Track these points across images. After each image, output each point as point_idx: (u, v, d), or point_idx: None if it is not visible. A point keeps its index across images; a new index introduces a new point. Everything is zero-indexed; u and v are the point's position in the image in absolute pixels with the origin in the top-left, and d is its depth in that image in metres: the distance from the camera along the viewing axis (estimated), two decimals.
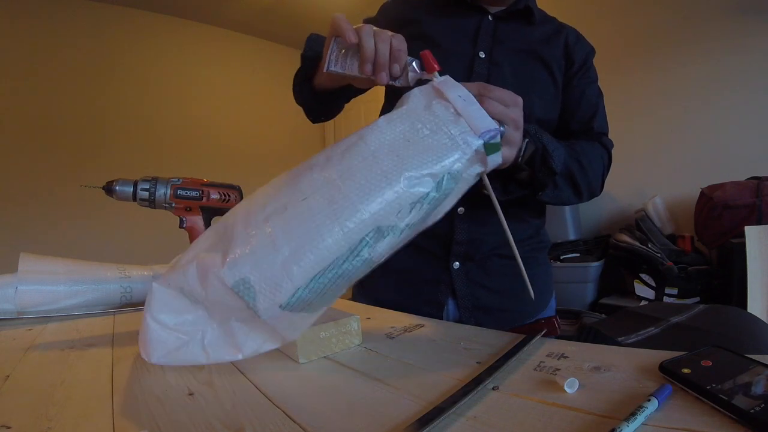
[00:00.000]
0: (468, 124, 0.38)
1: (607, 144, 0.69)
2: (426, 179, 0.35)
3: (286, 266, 0.32)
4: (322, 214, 0.33)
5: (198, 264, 0.35)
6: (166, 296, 0.37)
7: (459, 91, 0.40)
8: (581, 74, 0.70)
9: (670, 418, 0.25)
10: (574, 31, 0.73)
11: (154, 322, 0.38)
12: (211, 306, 0.37)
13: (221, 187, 0.73)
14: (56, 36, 2.74)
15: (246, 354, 0.37)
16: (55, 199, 2.67)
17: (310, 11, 3.28)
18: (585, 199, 0.66)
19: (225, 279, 0.33)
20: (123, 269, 0.72)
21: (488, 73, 0.66)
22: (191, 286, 0.36)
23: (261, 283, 0.32)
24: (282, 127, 3.79)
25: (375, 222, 0.33)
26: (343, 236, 0.32)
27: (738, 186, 1.62)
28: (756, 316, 0.91)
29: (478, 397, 0.31)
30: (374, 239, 0.34)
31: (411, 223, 0.35)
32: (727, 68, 1.90)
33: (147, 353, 0.38)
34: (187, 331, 0.38)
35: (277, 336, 0.37)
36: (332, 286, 0.34)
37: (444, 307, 0.68)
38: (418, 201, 0.35)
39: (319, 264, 0.32)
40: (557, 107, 0.70)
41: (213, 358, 0.37)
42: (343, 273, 0.33)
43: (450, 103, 0.38)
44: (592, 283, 1.96)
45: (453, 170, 0.36)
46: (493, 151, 0.38)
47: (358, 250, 0.33)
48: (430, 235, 0.68)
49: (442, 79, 0.42)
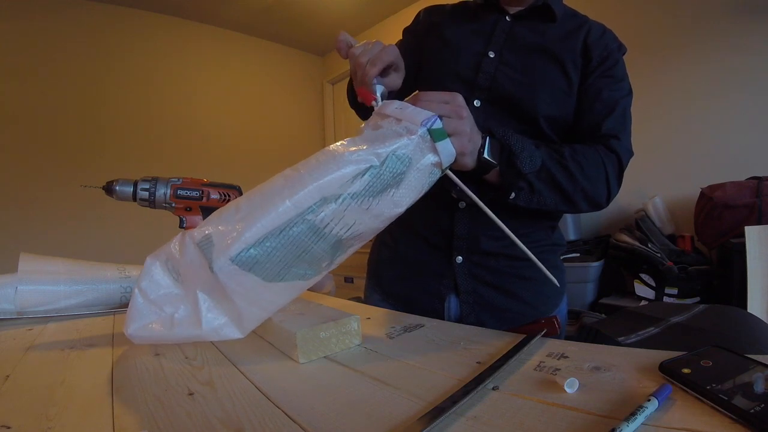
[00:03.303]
0: (408, 121, 0.43)
1: (615, 148, 0.62)
2: (370, 157, 0.40)
3: (240, 224, 0.38)
4: (278, 187, 0.39)
5: (182, 234, 0.42)
6: (156, 270, 0.42)
7: (395, 105, 0.46)
8: (600, 72, 0.66)
9: (670, 418, 0.25)
10: (600, 27, 0.69)
11: (140, 293, 0.42)
12: (185, 273, 0.41)
13: (221, 187, 0.73)
14: (56, 36, 2.74)
15: (205, 330, 0.40)
16: (55, 199, 2.67)
17: (310, 11, 3.28)
18: (583, 208, 0.62)
19: (195, 237, 0.40)
20: (123, 269, 0.72)
21: (495, 71, 0.66)
22: (172, 253, 0.42)
23: (219, 238, 0.38)
24: (282, 127, 3.79)
25: (320, 192, 0.38)
26: (292, 203, 0.38)
27: (738, 186, 1.62)
28: (756, 316, 0.91)
29: (478, 397, 0.31)
30: (319, 206, 0.38)
31: (353, 193, 0.39)
32: (727, 68, 1.89)
33: (126, 324, 0.42)
34: (164, 306, 0.42)
35: (236, 313, 0.40)
36: (280, 248, 0.38)
37: (446, 301, 0.68)
38: (359, 174, 0.39)
39: (269, 224, 0.38)
40: (570, 105, 0.66)
41: (177, 332, 0.41)
42: (289, 236, 0.38)
43: (390, 116, 0.44)
44: (592, 283, 1.96)
45: (399, 153, 0.41)
46: (439, 137, 0.43)
47: (303, 215, 0.38)
48: (435, 229, 0.70)
49: (380, 104, 0.49)
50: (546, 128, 0.65)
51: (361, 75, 0.53)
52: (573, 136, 0.67)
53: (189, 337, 0.41)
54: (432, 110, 0.45)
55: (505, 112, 0.66)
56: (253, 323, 0.41)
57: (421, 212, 0.60)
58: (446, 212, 0.68)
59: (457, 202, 0.66)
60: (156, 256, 0.43)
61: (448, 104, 0.48)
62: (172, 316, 0.41)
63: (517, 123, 0.65)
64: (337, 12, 3.32)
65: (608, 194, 0.63)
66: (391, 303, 0.74)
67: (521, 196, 0.58)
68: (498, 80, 0.66)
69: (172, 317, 0.41)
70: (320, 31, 3.61)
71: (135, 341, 0.43)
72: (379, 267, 0.80)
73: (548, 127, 0.65)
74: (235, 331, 0.41)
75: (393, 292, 0.75)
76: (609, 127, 0.64)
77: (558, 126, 0.66)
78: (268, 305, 0.41)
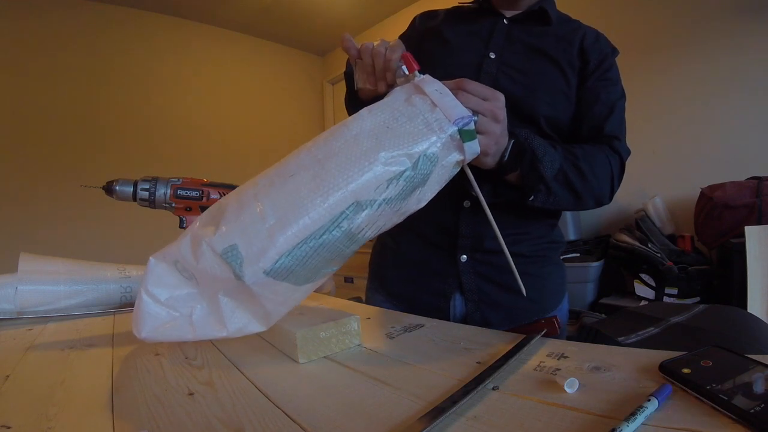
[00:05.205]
0: (443, 112, 0.41)
1: (617, 148, 0.66)
2: (402, 158, 0.38)
3: (272, 234, 0.35)
4: (306, 188, 0.36)
5: (192, 236, 0.38)
6: (161, 271, 0.40)
7: (436, 86, 0.43)
8: (597, 75, 0.69)
9: (670, 418, 0.25)
10: (594, 32, 0.72)
11: (148, 295, 0.40)
12: (201, 278, 0.38)
13: (221, 187, 0.73)
14: (55, 36, 2.74)
15: (231, 331, 0.39)
16: (55, 199, 2.67)
17: (309, 11, 3.28)
18: (590, 206, 0.65)
19: (215, 246, 0.36)
20: (123, 269, 0.72)
21: (496, 72, 0.67)
22: (184, 257, 0.38)
23: (247, 249, 0.35)
24: (282, 127, 3.79)
25: (354, 197, 0.36)
26: (324, 209, 0.35)
27: (738, 186, 1.62)
28: (756, 316, 0.91)
29: (478, 397, 0.31)
30: (353, 212, 0.36)
31: (388, 198, 0.38)
32: (728, 68, 1.89)
33: (137, 328, 0.40)
34: (178, 307, 0.40)
35: (263, 312, 0.39)
36: (314, 255, 0.36)
37: (451, 300, 0.69)
38: (394, 178, 0.37)
39: (302, 233, 0.35)
40: (569, 107, 0.69)
41: (199, 334, 0.39)
42: (324, 243, 0.36)
43: (427, 96, 0.42)
44: (592, 283, 1.96)
45: (429, 153, 0.39)
46: (468, 138, 0.41)
47: (338, 222, 0.36)
48: (438, 228, 0.70)
49: (422, 77, 0.45)
50: (546, 128, 0.67)
51: (384, 60, 0.52)
52: (574, 137, 0.69)
53: (212, 338, 0.40)
54: (471, 105, 0.44)
55: (507, 112, 0.67)
56: (278, 318, 0.41)
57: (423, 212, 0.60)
58: (451, 212, 0.68)
59: (461, 202, 0.67)
60: (162, 257, 0.41)
61: (488, 101, 0.47)
62: (189, 316, 0.40)
63: (519, 123, 0.65)
64: (337, 12, 3.32)
65: (611, 192, 0.67)
66: (395, 303, 0.74)
67: (539, 198, 0.60)
68: (499, 81, 0.67)
69: (190, 318, 0.40)
70: (320, 31, 3.62)
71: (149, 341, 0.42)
72: (381, 268, 0.80)
73: (548, 127, 0.67)
74: (258, 326, 0.40)
75: (397, 292, 0.75)
76: (610, 128, 0.67)
77: (557, 126, 0.68)
78: (294, 302, 0.41)
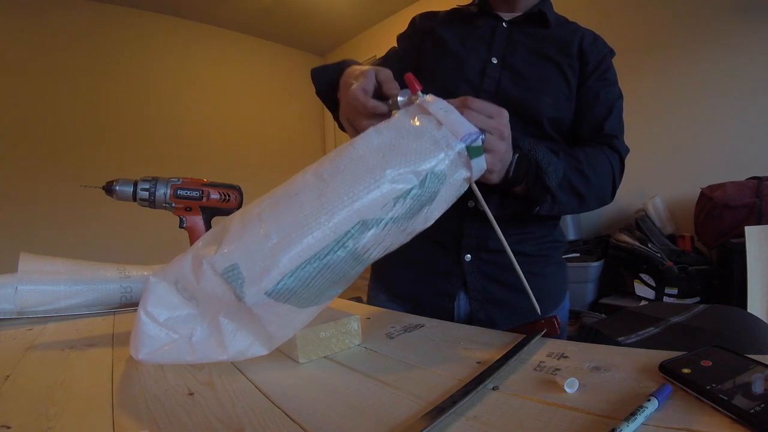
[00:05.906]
0: (450, 130, 0.40)
1: (617, 147, 0.67)
2: (410, 176, 0.37)
3: (274, 253, 0.33)
4: (310, 207, 0.34)
5: (193, 256, 0.37)
6: (161, 290, 0.39)
7: (440, 105, 0.42)
8: (596, 76, 0.70)
9: (670, 418, 0.25)
10: (592, 33, 0.73)
11: (147, 316, 0.39)
12: (202, 298, 0.37)
13: (221, 187, 0.73)
14: (56, 36, 2.74)
15: (231, 354, 0.37)
16: (55, 199, 2.67)
17: (309, 11, 3.28)
18: (593, 207, 0.66)
19: (216, 265, 0.34)
20: (123, 269, 0.72)
21: (499, 77, 0.68)
22: (185, 277, 0.37)
23: (249, 269, 0.33)
24: (282, 127, 3.79)
25: (360, 215, 0.35)
26: (329, 228, 0.34)
27: (738, 186, 1.62)
28: (756, 316, 0.91)
29: (478, 397, 0.31)
30: (359, 231, 0.35)
31: (395, 217, 0.36)
32: (727, 68, 1.90)
33: (135, 349, 0.39)
34: (178, 328, 0.39)
35: (265, 335, 0.37)
36: (318, 277, 0.35)
37: (455, 299, 0.69)
38: (401, 196, 0.36)
39: (305, 253, 0.33)
40: (570, 107, 0.70)
41: (199, 357, 0.38)
42: (328, 263, 0.34)
43: (432, 115, 0.41)
44: (592, 283, 1.96)
45: (437, 170, 0.38)
46: (475, 154, 0.40)
47: (343, 242, 0.34)
48: (443, 228, 0.70)
49: (424, 97, 0.45)
50: (549, 129, 0.67)
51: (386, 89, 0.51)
52: (575, 137, 0.70)
53: (212, 361, 0.39)
54: (477, 123, 0.43)
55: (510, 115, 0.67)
56: (281, 341, 0.40)
57: None
58: (456, 212, 0.68)
59: (466, 202, 0.67)
60: (162, 276, 0.39)
61: (493, 119, 0.47)
62: (189, 338, 0.38)
63: (522, 125, 0.66)
64: (337, 12, 3.32)
65: (613, 191, 0.68)
66: (398, 303, 0.74)
67: (544, 207, 0.60)
68: (502, 85, 0.68)
69: (190, 340, 0.38)
70: (320, 31, 3.62)
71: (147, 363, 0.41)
72: (384, 267, 0.80)
73: (551, 128, 0.68)
74: (261, 349, 0.38)
75: (400, 292, 0.75)
76: (610, 127, 0.68)
77: (559, 127, 0.69)
78: (299, 324, 0.40)
